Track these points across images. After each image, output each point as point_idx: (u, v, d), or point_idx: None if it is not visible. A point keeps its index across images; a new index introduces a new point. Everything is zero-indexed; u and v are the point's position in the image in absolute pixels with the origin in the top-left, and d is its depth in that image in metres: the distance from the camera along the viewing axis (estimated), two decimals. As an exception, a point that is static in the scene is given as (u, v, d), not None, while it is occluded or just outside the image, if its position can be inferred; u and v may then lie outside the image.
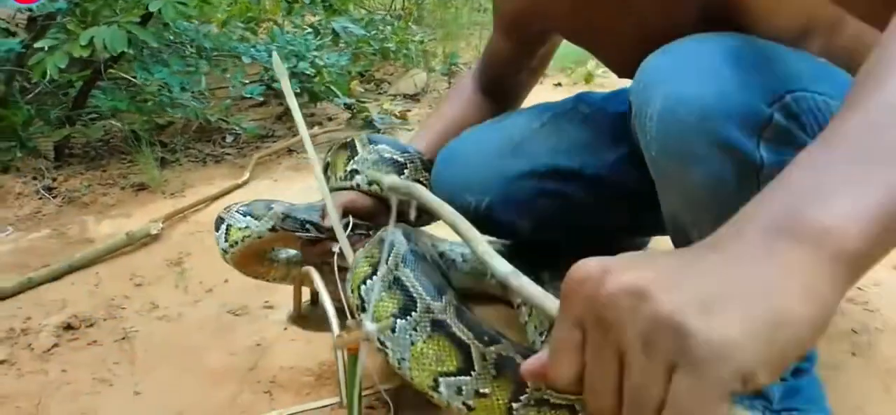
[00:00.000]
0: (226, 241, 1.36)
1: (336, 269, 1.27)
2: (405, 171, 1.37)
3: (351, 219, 1.31)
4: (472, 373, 0.99)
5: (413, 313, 1.01)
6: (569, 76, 3.95)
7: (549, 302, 0.56)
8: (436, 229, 1.61)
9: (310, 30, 3.69)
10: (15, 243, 2.15)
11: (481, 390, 0.99)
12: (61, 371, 1.46)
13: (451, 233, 1.69)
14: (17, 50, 2.65)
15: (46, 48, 2.50)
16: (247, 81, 3.15)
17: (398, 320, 1.02)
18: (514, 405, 0.99)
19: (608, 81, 3.31)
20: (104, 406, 1.34)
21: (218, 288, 1.78)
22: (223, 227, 1.36)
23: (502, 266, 0.60)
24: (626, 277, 0.46)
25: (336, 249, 1.27)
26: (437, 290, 1.02)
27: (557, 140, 1.32)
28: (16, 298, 1.78)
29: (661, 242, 1.78)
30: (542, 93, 2.33)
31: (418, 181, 1.35)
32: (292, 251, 1.48)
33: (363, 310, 1.07)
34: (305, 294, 1.60)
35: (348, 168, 1.39)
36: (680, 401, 0.42)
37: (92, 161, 2.83)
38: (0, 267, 1.99)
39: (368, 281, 1.06)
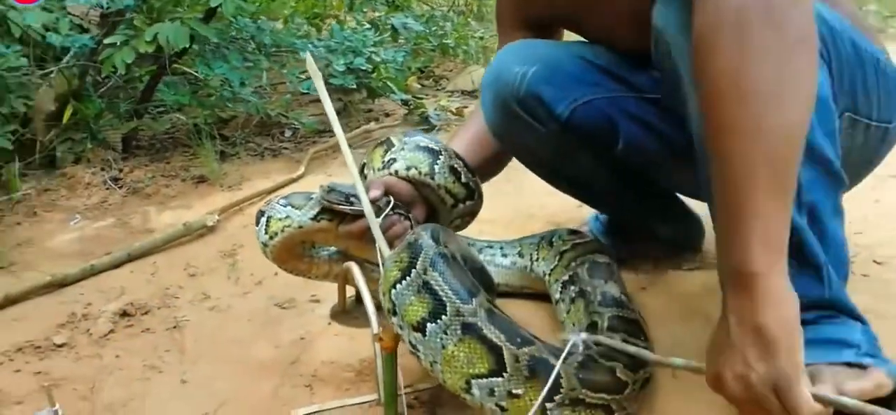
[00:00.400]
0: (266, 233, 1.35)
1: (380, 259, 1.27)
2: (440, 157, 1.41)
3: (391, 199, 1.34)
4: (505, 374, 0.97)
5: (443, 317, 1.00)
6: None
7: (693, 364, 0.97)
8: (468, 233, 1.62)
9: (368, 26, 3.71)
10: (82, 231, 2.24)
11: (514, 391, 0.97)
12: (115, 357, 1.51)
13: (481, 232, 1.68)
14: (90, 46, 2.76)
15: (118, 44, 2.61)
16: (303, 77, 3.19)
17: (429, 324, 1.01)
18: (548, 405, 0.98)
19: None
20: (152, 392, 1.38)
21: (267, 281, 1.81)
22: (263, 219, 1.36)
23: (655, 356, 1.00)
24: (731, 373, 0.89)
25: (377, 221, 1.27)
26: (468, 292, 1.01)
27: (601, 52, 1.48)
28: (79, 284, 1.86)
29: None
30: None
31: (452, 168, 1.41)
32: (333, 248, 1.49)
33: (394, 314, 1.06)
34: (351, 290, 1.61)
35: (386, 158, 1.43)
36: (785, 396, 0.86)
37: (157, 153, 2.93)
38: (67, 254, 2.09)
39: (398, 286, 1.06)
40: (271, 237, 1.36)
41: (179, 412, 1.32)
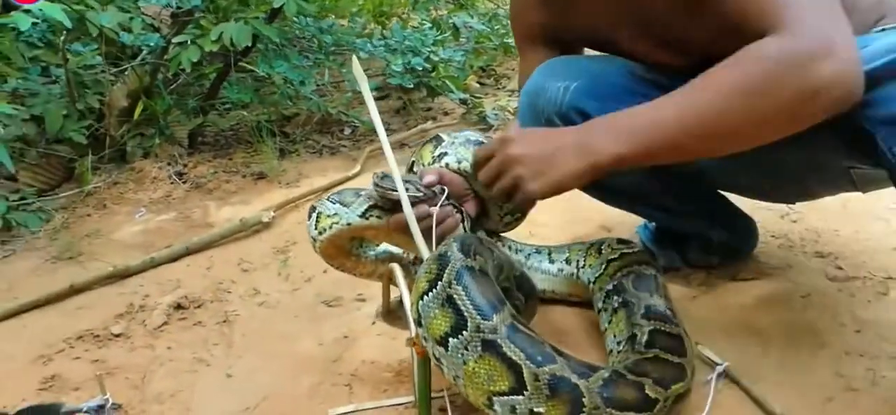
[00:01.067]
0: (315, 228, 1.37)
1: (418, 248, 1.27)
2: None
3: (446, 188, 1.33)
4: (525, 393, 0.96)
5: (464, 333, 1.00)
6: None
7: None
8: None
9: (428, 25, 3.72)
10: (145, 224, 2.33)
11: (536, 410, 0.96)
12: (167, 348, 1.56)
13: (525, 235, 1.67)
14: (161, 44, 2.87)
15: (188, 42, 2.70)
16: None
17: (451, 339, 1.01)
18: (573, 423, 0.96)
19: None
20: (199, 385, 1.42)
21: (317, 278, 1.84)
22: (314, 215, 1.38)
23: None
24: None
25: (433, 210, 1.27)
26: (491, 308, 1.00)
27: (644, 65, 1.46)
28: (139, 276, 1.94)
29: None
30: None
31: None
32: (380, 248, 1.50)
33: (419, 325, 1.07)
34: (396, 291, 1.62)
35: (436, 153, 1.44)
36: None
37: (221, 149, 3.02)
38: (131, 246, 2.17)
39: (425, 297, 1.05)
40: (321, 233, 1.37)
41: (223, 405, 1.35)
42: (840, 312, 1.45)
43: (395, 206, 1.29)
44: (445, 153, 1.43)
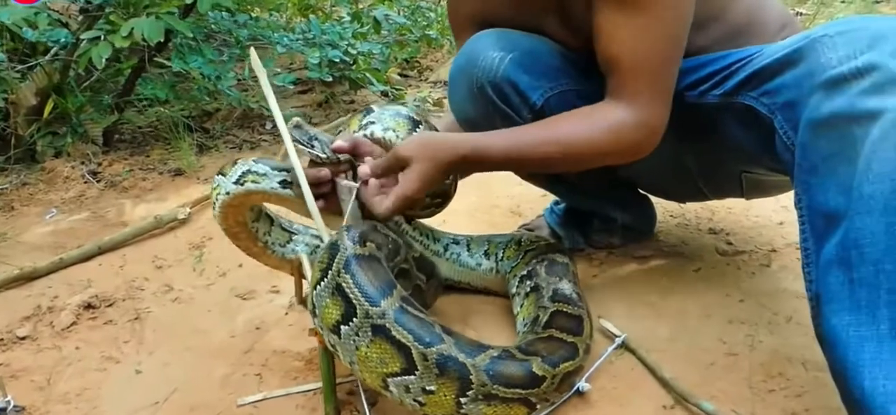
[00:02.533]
0: (212, 203, 1.39)
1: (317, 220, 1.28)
2: (419, 127, 1.42)
3: (351, 159, 1.34)
4: (416, 373, 1.00)
5: (354, 319, 1.03)
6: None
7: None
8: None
9: (348, 18, 3.73)
10: (56, 225, 2.27)
11: (428, 388, 1.00)
12: (75, 348, 1.54)
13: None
14: (69, 40, 2.79)
15: (101, 38, 2.63)
16: (278, 70, 3.22)
17: (342, 326, 1.04)
18: (462, 400, 1.00)
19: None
20: (107, 383, 1.41)
21: (231, 272, 1.84)
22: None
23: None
24: None
25: (341, 181, 1.32)
26: (380, 293, 1.04)
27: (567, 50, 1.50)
28: (48, 278, 1.89)
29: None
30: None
31: None
32: (290, 247, 1.52)
33: (314, 314, 1.10)
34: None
35: (363, 122, 1.43)
36: None
37: (137, 147, 2.96)
38: (40, 247, 2.12)
39: (318, 286, 1.09)
40: (213, 207, 1.40)
41: (132, 400, 1.35)
42: (727, 283, 1.55)
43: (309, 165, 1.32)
44: (373, 123, 1.43)
